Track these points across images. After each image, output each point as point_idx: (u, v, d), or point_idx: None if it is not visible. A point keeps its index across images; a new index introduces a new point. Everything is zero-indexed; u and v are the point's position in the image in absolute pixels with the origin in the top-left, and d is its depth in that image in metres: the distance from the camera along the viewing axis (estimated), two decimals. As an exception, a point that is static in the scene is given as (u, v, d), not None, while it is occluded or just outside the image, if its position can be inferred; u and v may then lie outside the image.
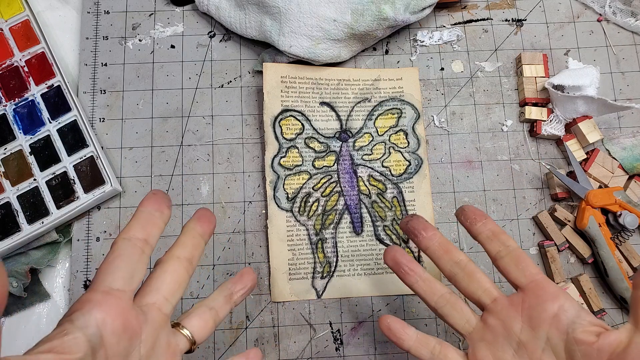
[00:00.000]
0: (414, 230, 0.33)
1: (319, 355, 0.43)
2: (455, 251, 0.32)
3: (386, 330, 0.32)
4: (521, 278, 0.30)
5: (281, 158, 0.45)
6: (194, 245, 0.29)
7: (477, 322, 0.31)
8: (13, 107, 0.45)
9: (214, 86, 0.48)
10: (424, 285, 0.32)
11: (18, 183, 0.43)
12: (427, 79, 0.49)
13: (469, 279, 0.31)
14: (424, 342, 0.31)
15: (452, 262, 0.31)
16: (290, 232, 0.44)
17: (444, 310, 0.31)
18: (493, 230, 0.31)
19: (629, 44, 0.51)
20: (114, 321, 0.23)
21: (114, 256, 0.25)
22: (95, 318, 0.23)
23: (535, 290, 0.29)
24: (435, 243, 0.32)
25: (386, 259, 0.33)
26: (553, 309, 0.28)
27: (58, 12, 0.49)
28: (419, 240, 0.32)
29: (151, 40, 0.48)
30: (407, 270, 0.32)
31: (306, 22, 0.43)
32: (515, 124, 0.48)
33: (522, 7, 0.51)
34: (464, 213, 0.33)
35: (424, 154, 0.47)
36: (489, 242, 0.31)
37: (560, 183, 0.45)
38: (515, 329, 0.29)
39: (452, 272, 0.31)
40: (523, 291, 0.30)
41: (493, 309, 0.30)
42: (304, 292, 0.43)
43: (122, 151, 0.46)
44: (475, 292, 0.31)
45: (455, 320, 0.31)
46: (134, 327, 0.24)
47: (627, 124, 0.49)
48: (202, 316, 0.29)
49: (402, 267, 0.32)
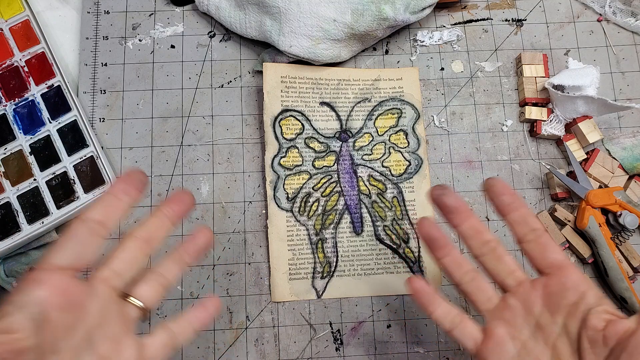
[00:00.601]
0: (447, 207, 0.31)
1: (319, 355, 0.43)
2: (486, 232, 0.31)
3: (417, 293, 0.32)
4: (545, 262, 0.30)
5: (281, 158, 0.45)
6: (158, 226, 0.30)
7: (498, 301, 0.31)
8: (13, 107, 0.45)
9: (214, 86, 0.48)
10: (451, 260, 0.32)
11: (18, 183, 0.43)
12: (427, 79, 0.49)
13: (497, 260, 0.31)
14: (447, 311, 0.32)
15: (481, 242, 0.31)
16: (290, 232, 0.44)
17: (468, 286, 0.31)
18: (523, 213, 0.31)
19: (629, 44, 0.51)
20: (57, 297, 0.24)
21: (65, 237, 0.27)
22: (36, 296, 0.24)
23: (559, 276, 0.29)
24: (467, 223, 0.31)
25: (421, 231, 0.32)
26: (574, 297, 0.28)
27: (58, 12, 0.49)
28: (452, 217, 0.32)
29: (151, 40, 0.48)
30: (441, 244, 0.32)
31: (306, 22, 0.43)
32: (515, 124, 0.48)
33: (522, 7, 0.51)
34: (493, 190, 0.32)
35: (424, 154, 0.47)
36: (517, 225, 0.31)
37: (560, 183, 0.45)
38: (534, 312, 0.29)
39: (481, 252, 0.31)
40: (547, 276, 0.29)
41: (516, 290, 0.30)
42: (304, 292, 0.43)
43: (122, 151, 0.46)
44: (501, 273, 0.31)
45: (478, 297, 0.31)
46: (79, 300, 0.26)
47: (627, 124, 0.49)
48: (150, 283, 0.30)
49: (436, 242, 0.32)
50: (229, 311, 0.43)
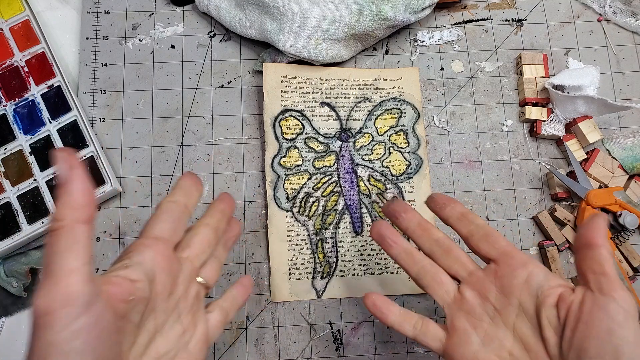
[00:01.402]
0: (394, 212, 0.34)
1: (319, 355, 0.43)
2: (434, 230, 0.33)
3: (371, 306, 0.33)
4: (492, 251, 0.31)
5: (281, 158, 0.45)
6: (219, 218, 0.33)
7: (455, 293, 0.32)
8: (13, 107, 0.45)
9: (214, 86, 0.48)
10: (406, 257, 0.33)
11: (18, 183, 0.43)
12: (427, 79, 0.49)
13: (447, 254, 0.32)
14: (407, 317, 0.33)
15: (430, 240, 0.33)
16: (290, 232, 0.44)
17: (424, 280, 0.33)
18: (461, 211, 0.33)
19: (629, 44, 0.51)
20: (163, 261, 0.27)
21: (160, 212, 0.29)
22: (149, 256, 0.26)
23: (506, 260, 0.30)
24: (415, 223, 0.33)
25: (372, 233, 0.34)
26: (523, 275, 0.29)
27: (58, 12, 0.49)
28: (399, 221, 0.34)
29: (151, 40, 0.48)
30: (391, 242, 0.33)
31: (306, 22, 0.43)
32: (515, 124, 0.48)
33: (522, 7, 0.51)
34: (433, 200, 0.35)
35: (424, 154, 0.47)
36: (459, 223, 0.33)
37: (560, 183, 0.45)
38: (490, 298, 0.30)
39: (431, 250, 0.33)
40: (496, 263, 0.31)
41: (469, 280, 0.32)
42: (304, 292, 0.43)
43: (122, 151, 0.46)
44: (452, 266, 0.32)
45: (435, 290, 0.32)
46: (175, 271, 0.28)
47: (627, 124, 0.49)
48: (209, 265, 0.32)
49: (386, 240, 0.33)
50: (229, 311, 0.43)
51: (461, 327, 0.31)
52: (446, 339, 0.31)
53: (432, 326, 0.32)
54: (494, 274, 0.31)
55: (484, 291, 0.31)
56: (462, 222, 0.33)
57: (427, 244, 0.33)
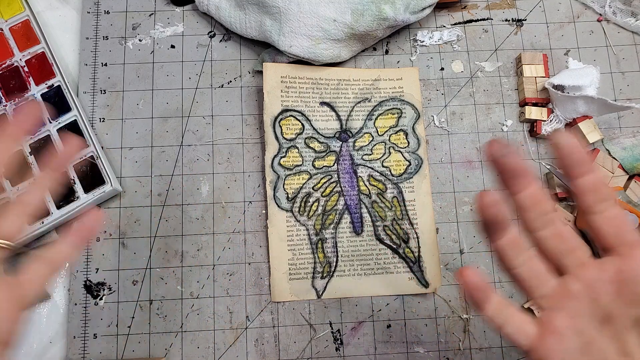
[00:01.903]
0: (509, 170, 0.26)
1: (319, 355, 0.43)
2: (546, 201, 0.27)
3: (471, 289, 0.27)
4: (621, 241, 0.25)
5: (281, 158, 0.45)
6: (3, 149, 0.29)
7: (556, 286, 0.26)
8: (13, 107, 0.45)
9: (214, 86, 0.48)
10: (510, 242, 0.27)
11: (18, 183, 0.43)
12: (427, 79, 0.49)
13: (557, 236, 0.26)
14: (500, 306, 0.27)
15: (540, 213, 0.26)
16: (290, 232, 0.44)
17: (524, 271, 0.27)
18: (595, 179, 0.26)
19: (629, 44, 0.51)
20: None
21: None
22: None
23: (635, 259, 0.25)
24: (528, 190, 0.26)
25: (484, 211, 0.27)
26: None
27: (58, 12, 0.49)
28: (512, 183, 0.27)
29: (151, 40, 0.48)
30: (504, 228, 0.27)
31: (306, 22, 0.43)
32: (515, 124, 0.48)
33: (522, 7, 0.51)
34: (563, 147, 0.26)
35: (424, 154, 0.47)
36: (587, 193, 0.26)
37: (561, 183, 0.45)
38: (602, 300, 0.25)
39: (537, 226, 0.27)
40: (619, 257, 0.25)
41: (579, 273, 0.26)
42: (304, 292, 0.43)
43: (122, 151, 0.46)
44: (560, 252, 0.26)
45: (533, 282, 0.27)
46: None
47: (627, 124, 0.49)
48: (10, 217, 0.28)
49: (501, 224, 0.27)
50: (229, 311, 0.43)
51: (559, 327, 0.25)
52: (538, 336, 0.26)
53: (520, 317, 0.27)
54: (615, 272, 0.25)
55: (597, 290, 0.25)
56: (590, 193, 0.26)
57: (534, 218, 0.26)
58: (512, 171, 0.26)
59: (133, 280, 0.43)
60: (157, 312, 0.43)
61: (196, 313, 0.43)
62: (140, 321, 0.43)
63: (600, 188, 0.26)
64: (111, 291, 0.43)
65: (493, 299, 0.27)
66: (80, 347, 0.42)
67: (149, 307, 0.43)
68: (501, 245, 0.27)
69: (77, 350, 0.42)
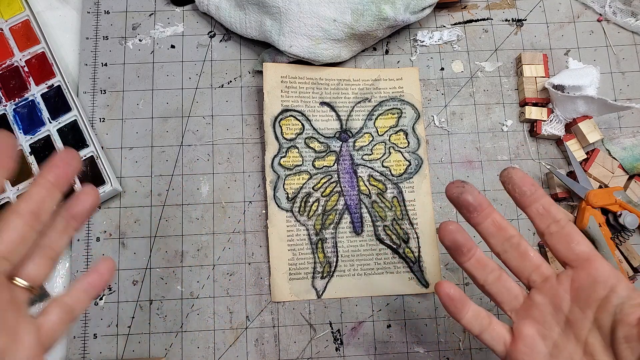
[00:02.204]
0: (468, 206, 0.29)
1: (319, 355, 0.43)
2: (509, 227, 0.30)
3: (445, 298, 0.30)
4: (571, 255, 0.28)
5: (281, 158, 0.45)
6: (43, 197, 0.26)
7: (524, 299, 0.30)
8: (13, 107, 0.45)
9: (214, 86, 0.48)
10: (476, 263, 0.30)
11: (18, 183, 0.43)
12: (427, 79, 0.49)
13: (521, 257, 0.29)
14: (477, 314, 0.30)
15: (504, 238, 0.30)
16: (290, 232, 0.44)
17: (493, 287, 0.30)
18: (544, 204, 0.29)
19: (629, 44, 0.51)
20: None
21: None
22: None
23: (587, 269, 0.28)
24: (490, 220, 0.30)
25: (444, 239, 0.30)
26: (604, 291, 0.27)
27: (58, 12, 0.49)
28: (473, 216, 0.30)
29: (151, 40, 0.48)
30: (465, 251, 0.30)
31: (306, 22, 0.43)
32: (515, 124, 0.48)
33: (522, 7, 0.51)
34: (511, 181, 0.30)
35: (424, 154, 0.47)
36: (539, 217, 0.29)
37: (561, 183, 0.45)
38: (563, 308, 0.28)
39: (503, 249, 0.30)
40: (573, 269, 0.28)
41: (542, 287, 0.29)
42: (304, 292, 0.43)
43: (122, 151, 0.46)
44: (525, 269, 0.29)
45: (504, 297, 0.30)
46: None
47: (627, 124, 0.49)
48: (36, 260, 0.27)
49: (461, 248, 0.30)
50: (229, 311, 0.43)
51: (528, 335, 0.29)
52: (511, 343, 0.29)
53: (498, 326, 0.30)
54: (571, 282, 0.28)
55: (557, 299, 0.28)
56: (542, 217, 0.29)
57: (499, 243, 0.30)
58: (470, 206, 0.29)
59: (133, 280, 0.43)
60: (157, 312, 0.43)
61: (196, 313, 0.43)
62: (140, 321, 0.43)
63: (550, 211, 0.29)
64: (111, 291, 0.43)
65: (469, 309, 0.30)
66: (80, 347, 0.42)
67: (149, 307, 0.43)
68: (468, 267, 0.30)
69: (77, 350, 0.42)
